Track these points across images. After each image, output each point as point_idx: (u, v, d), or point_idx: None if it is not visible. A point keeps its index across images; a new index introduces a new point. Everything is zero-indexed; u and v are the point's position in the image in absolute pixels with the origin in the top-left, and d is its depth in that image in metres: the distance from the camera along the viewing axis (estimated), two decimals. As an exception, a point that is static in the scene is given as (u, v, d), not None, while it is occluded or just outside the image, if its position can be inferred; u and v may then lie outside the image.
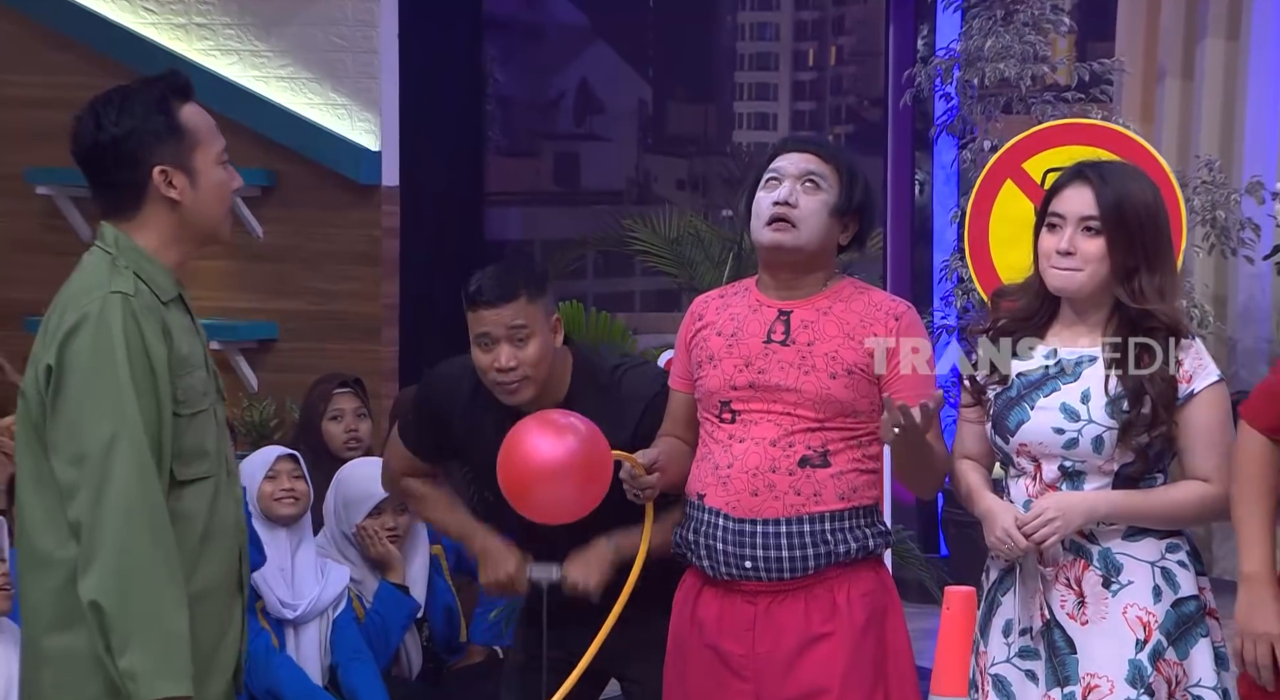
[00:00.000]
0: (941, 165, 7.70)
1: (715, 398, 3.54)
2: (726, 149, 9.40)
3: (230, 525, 3.16)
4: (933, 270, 7.65)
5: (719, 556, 3.50)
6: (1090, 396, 3.25)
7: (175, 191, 3.13)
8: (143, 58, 7.90)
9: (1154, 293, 3.24)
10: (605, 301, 8.05)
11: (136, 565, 2.96)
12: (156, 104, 3.13)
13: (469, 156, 8.44)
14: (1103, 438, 3.23)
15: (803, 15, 9.47)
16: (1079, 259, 3.26)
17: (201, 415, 3.12)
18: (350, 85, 7.83)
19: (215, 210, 3.18)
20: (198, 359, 3.14)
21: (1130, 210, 3.25)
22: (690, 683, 3.58)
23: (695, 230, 7.62)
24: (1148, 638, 3.21)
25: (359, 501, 5.07)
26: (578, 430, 3.46)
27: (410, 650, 5.15)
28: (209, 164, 3.16)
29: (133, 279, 3.08)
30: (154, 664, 2.95)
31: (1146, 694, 3.18)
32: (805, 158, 3.54)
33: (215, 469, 3.13)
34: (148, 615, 2.96)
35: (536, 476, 3.44)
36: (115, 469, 2.97)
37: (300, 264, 7.85)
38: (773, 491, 3.46)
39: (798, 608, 3.48)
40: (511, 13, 9.07)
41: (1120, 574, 3.24)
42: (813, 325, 3.51)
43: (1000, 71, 7.03)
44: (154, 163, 3.12)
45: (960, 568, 6.98)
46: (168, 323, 3.09)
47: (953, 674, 4.62)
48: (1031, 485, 3.31)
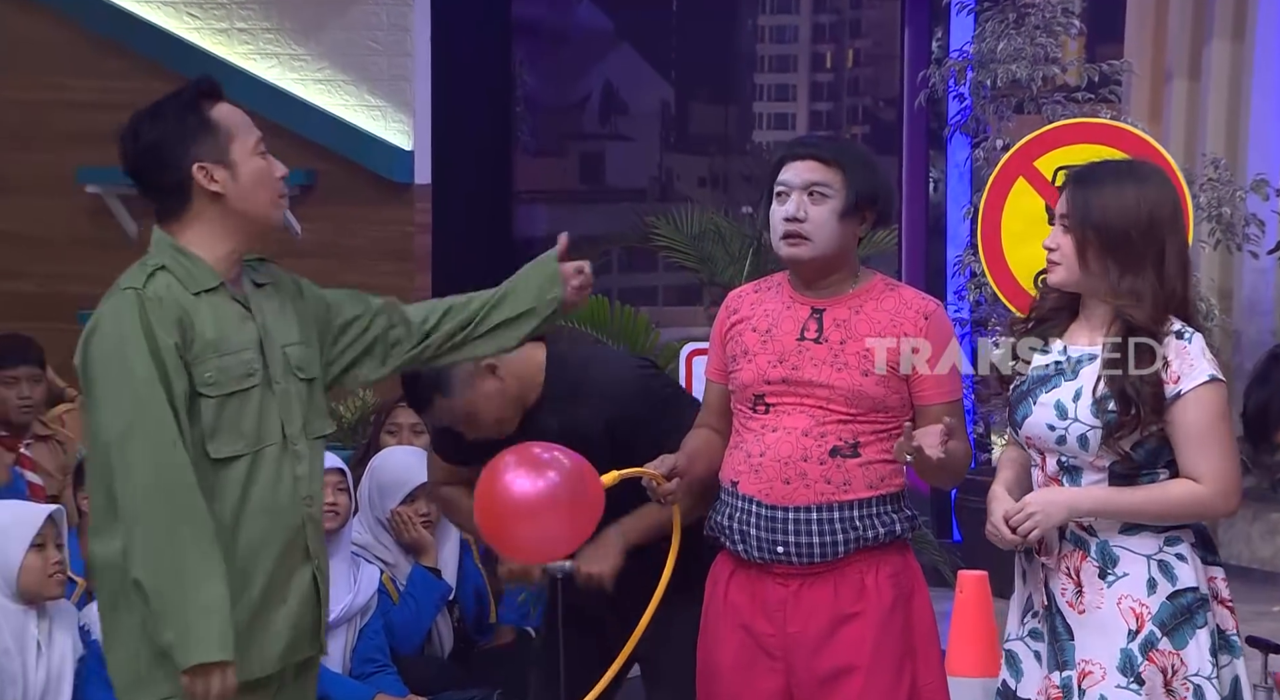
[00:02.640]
0: (955, 164, 7.69)
1: (749, 391, 3.55)
2: (746, 148, 9.40)
3: (287, 500, 3.20)
4: (946, 265, 7.65)
5: (751, 541, 3.52)
6: (1080, 395, 3.25)
7: (217, 185, 3.19)
8: (187, 62, 7.93)
9: (1126, 293, 3.22)
10: (629, 296, 8.06)
11: (163, 543, 3.04)
12: (187, 106, 3.21)
13: (498, 156, 8.46)
14: (1087, 437, 3.23)
15: (820, 19, 9.47)
16: (1059, 254, 3.29)
17: (239, 396, 3.16)
18: (385, 88, 7.86)
19: (260, 197, 3.24)
20: (241, 342, 3.18)
21: (1098, 212, 3.24)
22: (723, 662, 3.59)
23: (716, 227, 7.62)
24: (1140, 628, 3.22)
25: (393, 488, 5.08)
26: (560, 466, 3.39)
27: (442, 631, 5.16)
28: (246, 155, 3.22)
29: (150, 274, 3.15)
30: (187, 635, 3.04)
31: (1136, 682, 3.19)
32: (808, 166, 3.53)
33: (252, 446, 3.17)
34: (178, 589, 3.04)
35: (517, 517, 3.38)
36: (134, 456, 3.06)
37: (337, 259, 7.87)
38: (804, 480, 3.48)
39: (827, 590, 3.50)
40: (539, 18, 9.08)
41: (1116, 566, 3.25)
42: (845, 323, 3.53)
43: (1012, 73, 7.02)
44: (191, 160, 3.18)
45: (973, 553, 6.97)
46: (190, 311, 3.14)
47: (965, 654, 4.63)
48: (1040, 475, 3.33)
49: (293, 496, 3.22)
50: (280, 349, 3.25)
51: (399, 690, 4.85)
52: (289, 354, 3.26)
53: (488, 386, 3.74)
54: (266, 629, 3.18)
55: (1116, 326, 3.26)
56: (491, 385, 3.74)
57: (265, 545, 3.18)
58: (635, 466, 3.47)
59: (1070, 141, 4.72)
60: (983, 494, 8.60)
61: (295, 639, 3.23)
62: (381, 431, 5.68)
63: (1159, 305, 3.21)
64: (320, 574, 3.27)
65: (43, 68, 7.98)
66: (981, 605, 4.71)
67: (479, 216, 8.21)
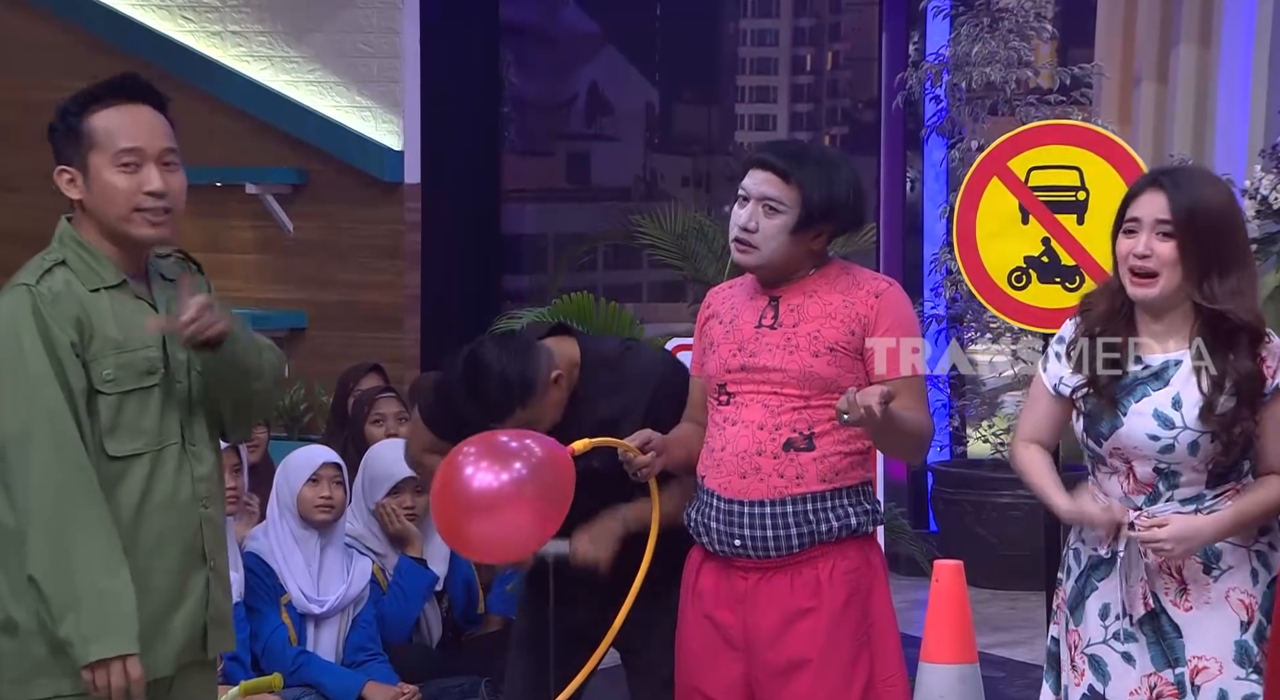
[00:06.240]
0: (931, 164, 7.70)
1: (714, 381, 3.55)
2: (729, 148, 9.39)
3: (185, 499, 3.10)
4: (923, 263, 7.65)
5: (714, 534, 3.51)
6: (1182, 402, 3.18)
7: (76, 190, 3.10)
8: (182, 64, 7.90)
9: (1227, 293, 3.15)
10: (614, 292, 8.05)
11: (63, 539, 2.95)
12: (72, 106, 3.10)
13: (486, 155, 8.45)
14: (1198, 442, 3.17)
15: (801, 22, 9.45)
16: (1155, 261, 3.19)
17: (138, 394, 3.06)
18: (375, 89, 7.84)
19: (109, 212, 3.08)
20: (143, 340, 3.07)
21: (1202, 214, 3.16)
22: (689, 650, 3.59)
23: (699, 225, 7.61)
24: (1250, 619, 3.19)
25: (380, 480, 5.08)
26: (528, 455, 3.30)
27: (431, 620, 5.16)
28: (100, 166, 3.07)
29: (47, 269, 3.06)
30: (90, 628, 2.95)
31: (1255, 672, 3.16)
32: (766, 178, 3.49)
33: (154, 445, 3.07)
34: (79, 583, 2.95)
35: (479, 512, 3.30)
36: (31, 456, 2.97)
37: (328, 257, 7.86)
38: (759, 474, 3.46)
39: (784, 584, 3.48)
40: (527, 20, 9.06)
41: (1220, 560, 3.20)
42: (799, 308, 3.51)
43: (986, 75, 7.03)
44: (59, 162, 3.11)
45: (949, 542, 6.98)
46: (88, 308, 3.04)
47: (941, 642, 4.63)
48: (1125, 482, 3.25)
49: (191, 497, 3.11)
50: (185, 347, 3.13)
51: (390, 678, 4.84)
52: (193, 354, 3.14)
53: (555, 394, 3.68)
54: (165, 629, 3.08)
55: (1199, 328, 3.18)
56: (556, 394, 3.68)
57: (165, 544, 3.08)
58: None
59: (1043, 142, 4.70)
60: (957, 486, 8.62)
61: (189, 642, 3.12)
62: (366, 422, 5.66)
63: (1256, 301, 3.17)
64: (214, 577, 3.15)
65: (40, 69, 7.95)
66: (957, 594, 4.70)
67: (467, 215, 8.19)
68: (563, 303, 6.94)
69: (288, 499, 4.85)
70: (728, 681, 3.53)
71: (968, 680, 4.55)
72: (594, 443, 3.43)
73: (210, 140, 7.67)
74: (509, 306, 7.89)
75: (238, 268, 7.59)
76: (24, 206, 7.81)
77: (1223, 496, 3.21)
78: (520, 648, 3.90)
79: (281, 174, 7.73)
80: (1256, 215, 6.41)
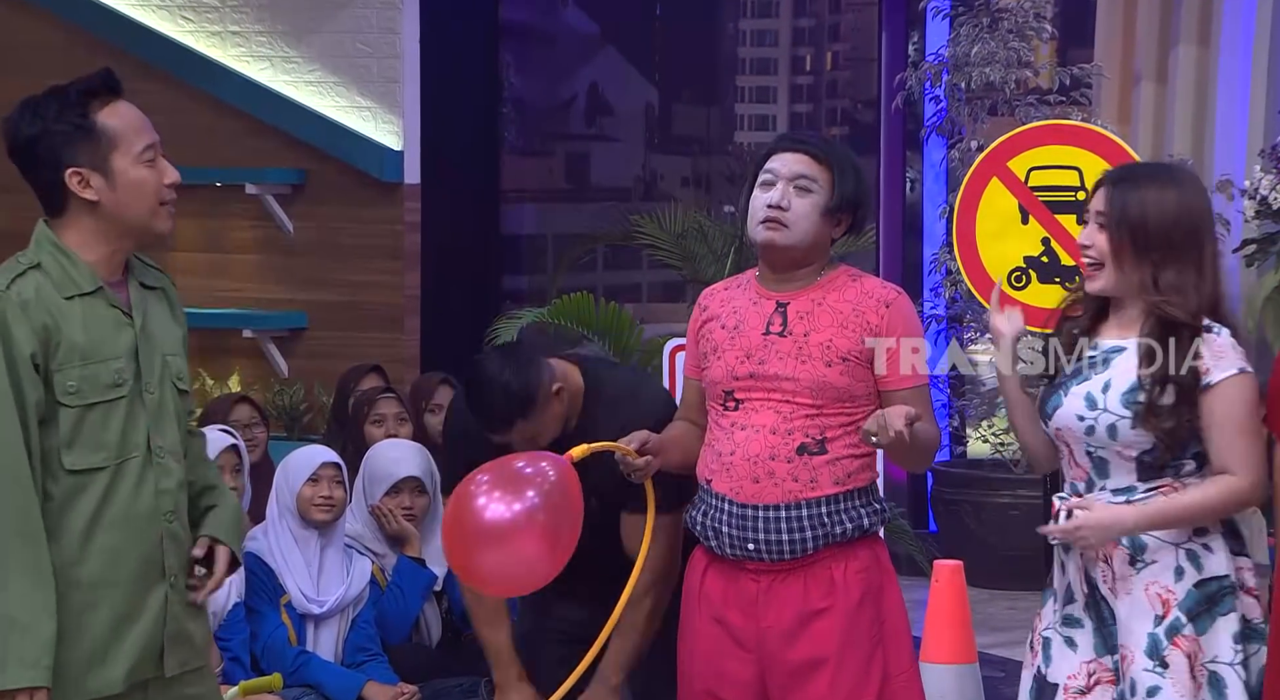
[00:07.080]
0: (931, 164, 7.68)
1: (719, 387, 3.53)
2: (728, 149, 9.37)
3: (145, 512, 3.00)
4: (923, 263, 7.64)
5: (724, 538, 3.49)
6: (1110, 386, 3.24)
7: (92, 192, 3.00)
8: (181, 64, 7.88)
9: (1168, 289, 3.21)
10: (614, 293, 8.04)
11: None
12: (70, 106, 3.00)
13: (486, 156, 8.44)
14: (1116, 426, 3.21)
15: (800, 23, 9.44)
16: (1095, 252, 3.27)
17: (102, 406, 2.96)
18: (375, 89, 7.83)
19: (138, 208, 3.02)
20: (113, 350, 2.99)
21: (1136, 208, 3.22)
22: (697, 652, 3.57)
23: (699, 225, 7.61)
24: (1165, 614, 3.21)
25: (379, 481, 5.07)
26: (540, 482, 3.29)
27: (430, 620, 5.14)
28: (128, 164, 3.00)
29: (20, 273, 2.97)
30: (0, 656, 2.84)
31: (1160, 666, 3.19)
32: (798, 159, 3.50)
33: (114, 458, 2.97)
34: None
35: (496, 541, 3.27)
36: None
37: (328, 257, 7.84)
38: (773, 478, 3.45)
39: (797, 585, 3.48)
40: (526, 21, 9.04)
41: (1145, 553, 3.23)
42: (808, 316, 3.49)
43: (986, 76, 7.01)
44: (66, 165, 2.99)
45: (948, 543, 6.97)
46: (57, 316, 2.95)
47: (940, 642, 4.62)
48: (1069, 467, 3.32)
49: (153, 511, 3.00)
50: (162, 356, 3.05)
51: (389, 678, 4.83)
52: (170, 362, 3.06)
53: (555, 408, 3.70)
54: (117, 646, 2.97)
55: (1150, 323, 3.23)
56: (557, 407, 3.70)
57: (121, 559, 2.97)
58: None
59: (1042, 143, 4.70)
60: (958, 486, 8.62)
61: (142, 659, 3.01)
62: (366, 423, 5.65)
63: (1200, 302, 3.21)
64: (174, 593, 3.04)
65: (39, 69, 7.92)
66: (956, 594, 4.70)
67: (467, 215, 8.18)
68: (562, 303, 6.93)
69: (287, 499, 4.84)
70: (740, 683, 3.52)
71: (967, 680, 4.55)
72: (592, 448, 3.43)
73: (210, 140, 7.66)
74: (509, 306, 7.88)
75: (238, 268, 7.58)
76: (24, 207, 7.77)
77: (1156, 491, 3.24)
78: (519, 649, 3.92)
79: (281, 174, 7.72)
80: (1256, 215, 6.40)
